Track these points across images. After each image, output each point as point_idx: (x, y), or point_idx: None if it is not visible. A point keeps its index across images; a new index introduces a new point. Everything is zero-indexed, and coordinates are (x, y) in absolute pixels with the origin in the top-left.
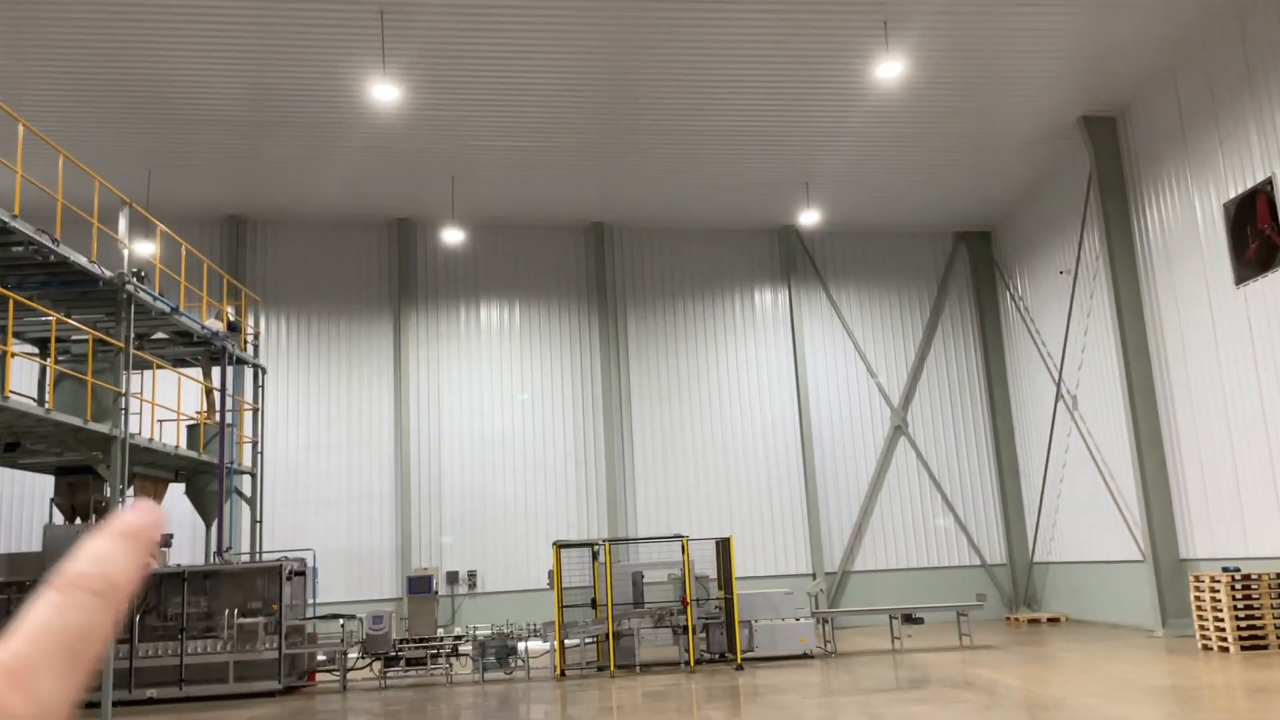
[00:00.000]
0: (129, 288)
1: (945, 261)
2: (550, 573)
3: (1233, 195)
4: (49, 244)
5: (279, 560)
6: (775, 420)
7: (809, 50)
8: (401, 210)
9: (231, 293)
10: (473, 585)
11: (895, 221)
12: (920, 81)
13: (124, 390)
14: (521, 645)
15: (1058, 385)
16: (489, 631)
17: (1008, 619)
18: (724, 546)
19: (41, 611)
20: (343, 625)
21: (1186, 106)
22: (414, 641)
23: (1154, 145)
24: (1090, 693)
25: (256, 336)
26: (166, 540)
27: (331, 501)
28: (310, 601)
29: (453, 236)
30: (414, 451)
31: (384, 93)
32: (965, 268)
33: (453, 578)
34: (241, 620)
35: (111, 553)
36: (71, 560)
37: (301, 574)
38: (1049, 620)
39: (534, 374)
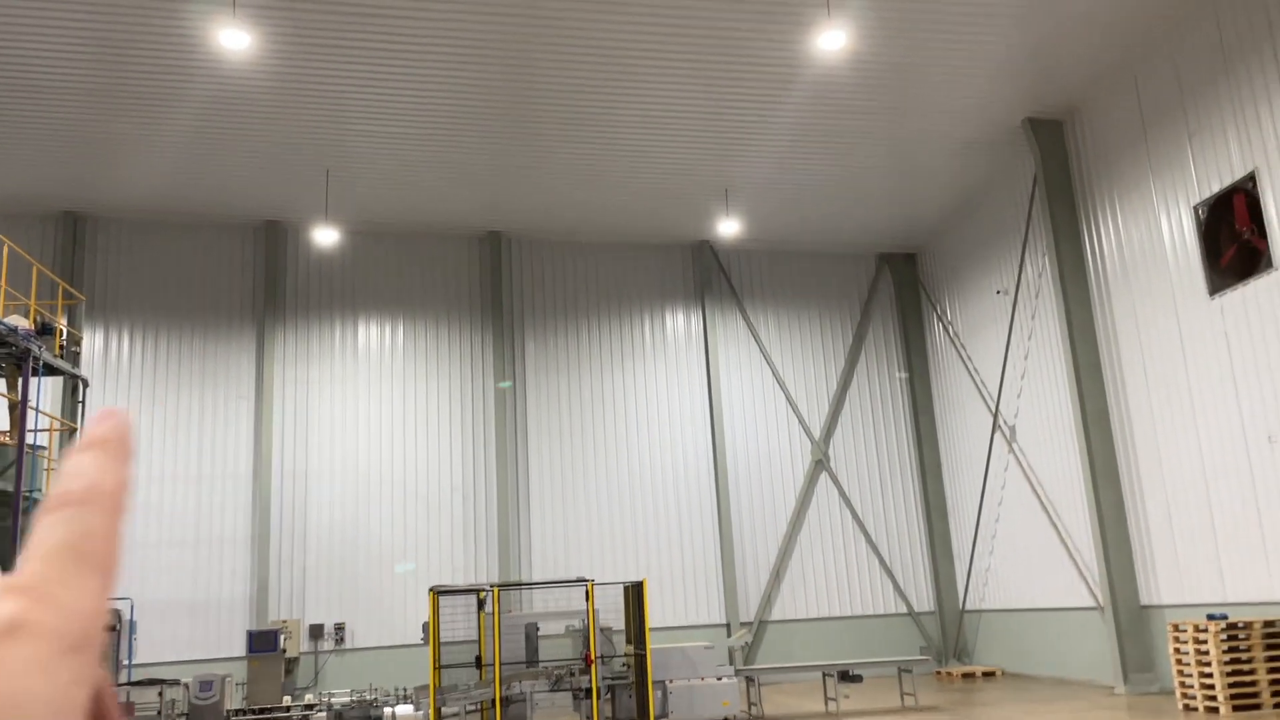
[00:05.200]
0: None
1: (869, 285)
2: (426, 625)
3: (1205, 196)
4: None
5: None
6: (687, 453)
7: (732, 31)
8: (269, 211)
9: (50, 291)
10: (340, 640)
11: (817, 240)
12: (849, 76)
13: None
14: (388, 712)
15: (994, 416)
16: (348, 699)
17: (938, 673)
18: (635, 592)
19: (40, 533)
20: (161, 694)
21: (1148, 101)
22: (253, 712)
23: (1109, 147)
24: None
25: (77, 343)
26: None
27: (175, 543)
28: (125, 663)
29: (326, 238)
30: (275, 486)
31: (235, 39)
32: (889, 291)
33: (317, 631)
34: None
35: (89, 464)
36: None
37: (113, 629)
38: (984, 674)
39: (418, 399)
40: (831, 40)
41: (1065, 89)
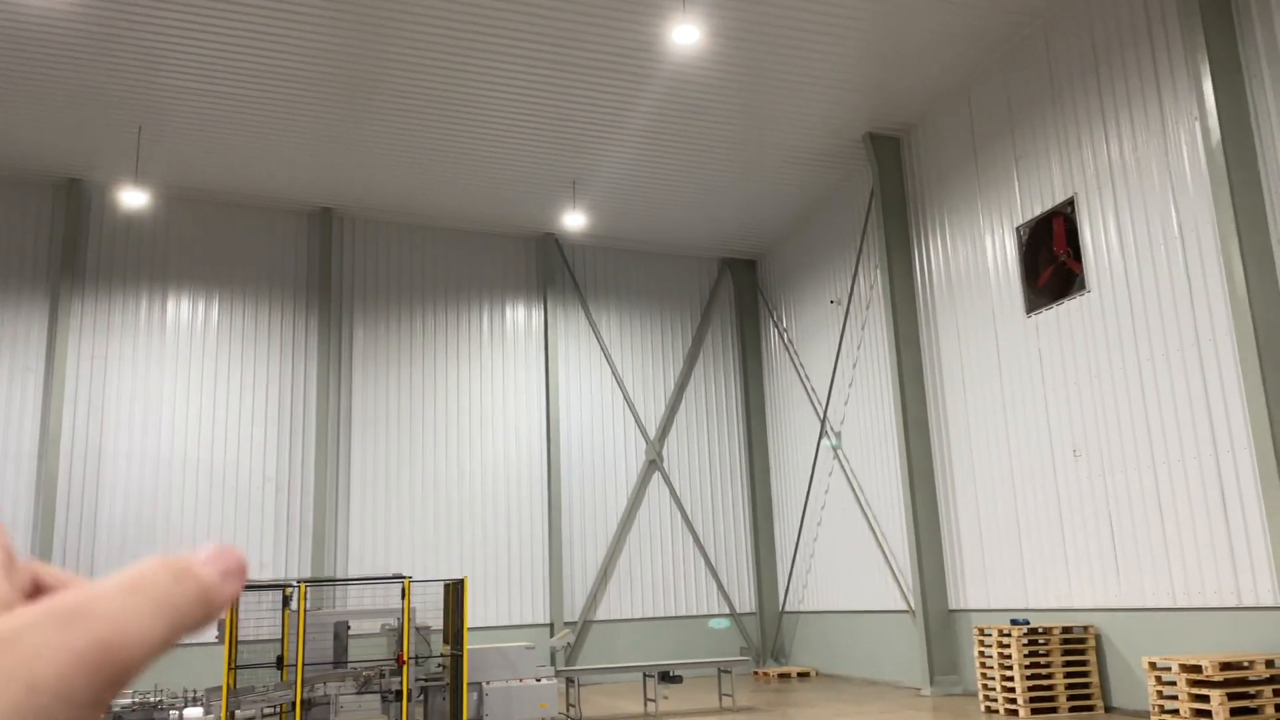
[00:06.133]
0: None
1: (710, 288)
2: (221, 622)
3: (1027, 218)
4: None
5: None
6: (521, 449)
7: (587, 16)
8: (72, 169)
9: None
10: None
11: (663, 240)
12: (702, 77)
13: None
14: (175, 715)
15: (822, 422)
16: (129, 700)
17: (756, 673)
18: (455, 590)
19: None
20: None
21: (980, 124)
22: None
23: (942, 166)
24: None
25: None
26: None
27: None
28: None
29: (135, 200)
30: (63, 469)
31: None
32: (729, 296)
33: None
34: None
35: (145, 590)
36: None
37: None
38: (799, 675)
39: (232, 382)
40: (685, 35)
41: (905, 108)
